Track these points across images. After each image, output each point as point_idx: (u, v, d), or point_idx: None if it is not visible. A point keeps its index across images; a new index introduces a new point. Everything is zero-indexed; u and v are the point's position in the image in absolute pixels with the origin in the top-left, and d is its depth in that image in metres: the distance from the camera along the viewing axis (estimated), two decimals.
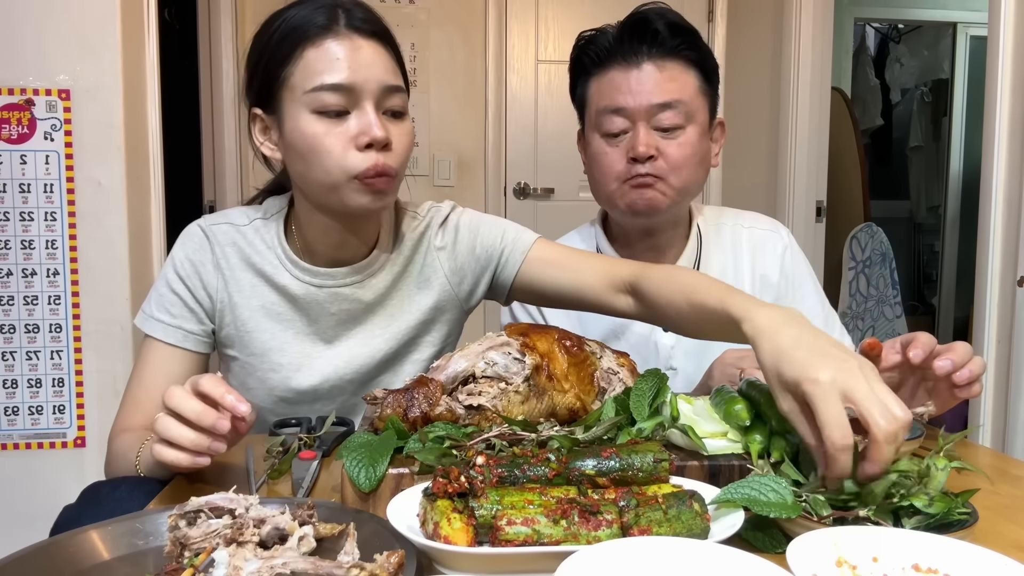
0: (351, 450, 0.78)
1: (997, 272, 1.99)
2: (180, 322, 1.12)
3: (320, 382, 1.16)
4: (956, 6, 5.02)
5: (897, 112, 5.66)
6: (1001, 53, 1.96)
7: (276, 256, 1.14)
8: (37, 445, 1.99)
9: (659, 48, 1.20)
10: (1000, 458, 1.10)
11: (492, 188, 3.33)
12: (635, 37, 1.20)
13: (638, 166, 1.20)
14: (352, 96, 1.01)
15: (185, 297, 1.13)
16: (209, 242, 1.14)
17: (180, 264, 1.13)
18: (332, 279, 1.14)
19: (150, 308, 1.13)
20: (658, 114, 1.19)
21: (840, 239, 3.95)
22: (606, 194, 1.26)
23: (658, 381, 0.89)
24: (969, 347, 0.96)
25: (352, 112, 1.02)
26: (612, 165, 1.22)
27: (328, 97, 1.00)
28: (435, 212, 1.22)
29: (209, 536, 0.63)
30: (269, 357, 1.15)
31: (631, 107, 1.19)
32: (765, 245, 1.33)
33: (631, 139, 1.20)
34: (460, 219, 1.21)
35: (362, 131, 1.01)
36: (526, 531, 0.63)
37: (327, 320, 1.16)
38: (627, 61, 1.20)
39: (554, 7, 3.31)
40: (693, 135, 1.21)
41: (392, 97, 1.04)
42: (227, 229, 1.15)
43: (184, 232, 1.16)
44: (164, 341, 1.11)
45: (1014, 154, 1.94)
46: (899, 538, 0.63)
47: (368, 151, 1.01)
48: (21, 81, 1.92)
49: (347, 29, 1.02)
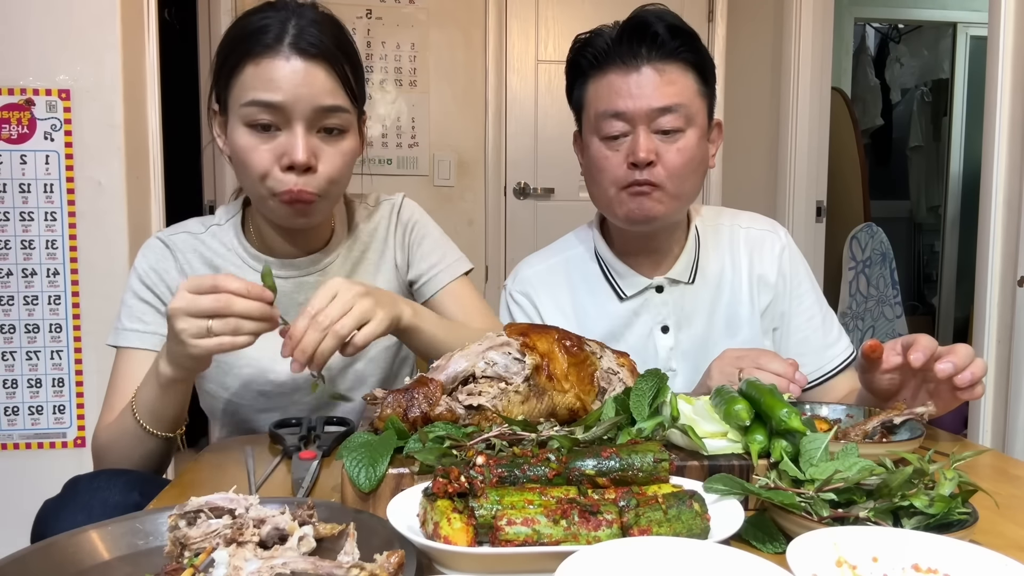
0: (351, 450, 0.78)
1: (997, 272, 1.99)
2: (155, 327, 1.13)
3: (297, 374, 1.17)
4: (956, 6, 5.02)
5: (897, 112, 5.67)
6: (1001, 53, 1.96)
7: (238, 256, 1.18)
8: (37, 445, 1.99)
9: (658, 51, 1.19)
10: (1000, 458, 1.10)
11: (492, 188, 3.33)
12: (634, 39, 1.19)
13: (637, 172, 1.19)
14: (283, 115, 1.04)
15: (155, 304, 1.15)
16: (170, 250, 1.18)
17: (144, 274, 1.16)
18: (296, 269, 1.19)
19: (121, 323, 1.15)
20: (658, 118, 1.18)
21: (840, 239, 3.95)
22: (605, 200, 1.25)
23: (658, 381, 0.89)
24: (970, 349, 0.95)
25: (283, 130, 1.04)
26: (611, 170, 1.21)
27: (257, 113, 1.03)
28: (386, 203, 1.29)
29: (209, 536, 0.63)
30: (244, 353, 1.15)
31: (631, 111, 1.18)
32: (763, 245, 1.33)
33: (631, 144, 1.19)
34: (412, 216, 1.28)
35: (285, 152, 1.04)
36: (526, 531, 0.63)
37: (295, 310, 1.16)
38: (626, 64, 1.19)
39: (554, 7, 3.32)
40: (692, 139, 1.20)
41: (329, 117, 1.06)
42: (185, 237, 1.19)
43: (144, 246, 1.20)
44: (141, 348, 1.12)
45: (1014, 154, 1.94)
46: (899, 538, 0.63)
47: (289, 172, 1.04)
48: (21, 81, 1.92)
49: (289, 48, 1.04)
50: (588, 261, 1.35)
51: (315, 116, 1.05)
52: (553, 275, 1.35)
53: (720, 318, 1.30)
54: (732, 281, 1.31)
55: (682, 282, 1.30)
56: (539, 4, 3.31)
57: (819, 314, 1.32)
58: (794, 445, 0.78)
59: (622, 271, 1.30)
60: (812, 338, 1.31)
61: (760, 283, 1.31)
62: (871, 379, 1.03)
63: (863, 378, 1.06)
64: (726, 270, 1.32)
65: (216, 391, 1.20)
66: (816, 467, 0.74)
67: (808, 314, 1.32)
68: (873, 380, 1.03)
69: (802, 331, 1.31)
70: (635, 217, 1.22)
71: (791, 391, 1.00)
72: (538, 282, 1.34)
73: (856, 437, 0.89)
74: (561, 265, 1.36)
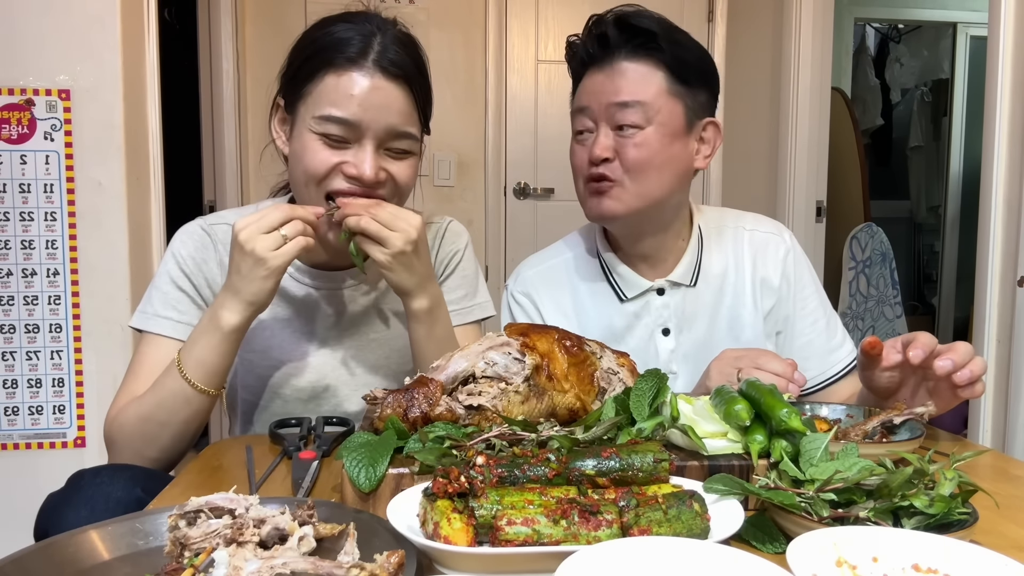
0: (351, 450, 0.78)
1: (997, 272, 1.98)
2: (189, 319, 1.11)
3: (316, 380, 1.16)
4: (956, 6, 5.02)
5: (897, 112, 5.66)
6: (1001, 53, 1.96)
7: None
8: (37, 445, 1.99)
9: (621, 49, 1.20)
10: (1000, 458, 1.10)
11: (492, 188, 3.33)
12: (596, 38, 1.22)
13: (594, 168, 1.21)
14: (356, 131, 1.04)
15: (191, 294, 1.13)
16: (211, 239, 1.15)
17: (184, 261, 1.13)
18: (331, 282, 1.15)
19: (152, 307, 1.12)
20: (616, 114, 1.19)
21: (840, 239, 3.95)
22: (579, 196, 1.27)
23: (658, 381, 0.89)
24: (970, 347, 0.95)
25: (352, 144, 1.04)
26: (579, 166, 1.24)
27: (331, 127, 1.03)
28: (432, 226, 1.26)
29: (209, 536, 0.63)
30: (269, 355, 1.16)
31: (592, 106, 1.21)
32: (767, 248, 1.32)
33: (592, 139, 1.21)
34: (455, 246, 1.26)
35: (353, 165, 1.04)
36: (526, 531, 0.63)
37: (324, 321, 1.16)
38: (599, 64, 1.21)
39: (554, 7, 3.31)
40: (653, 136, 1.18)
41: (399, 140, 1.07)
42: (226, 229, 1.15)
43: (183, 230, 1.16)
44: (172, 338, 1.10)
45: (1014, 154, 1.94)
46: (899, 538, 0.63)
47: (352, 182, 1.05)
48: (21, 81, 1.92)
49: (373, 65, 1.04)
50: (589, 262, 1.34)
51: (386, 136, 1.06)
52: (554, 275, 1.35)
53: (722, 320, 1.29)
54: (735, 283, 1.30)
55: (683, 285, 1.29)
56: (539, 4, 3.31)
57: (823, 318, 1.31)
58: (794, 445, 0.79)
59: (623, 272, 1.30)
60: (816, 342, 1.30)
61: (764, 286, 1.30)
62: (870, 376, 1.03)
63: (863, 375, 1.06)
64: (729, 272, 1.31)
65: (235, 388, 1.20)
66: (816, 467, 0.74)
67: (812, 318, 1.31)
68: (873, 377, 1.03)
69: (806, 335, 1.30)
70: (594, 214, 1.24)
71: (790, 391, 1.00)
72: (539, 282, 1.34)
73: (856, 437, 0.89)
74: (562, 266, 1.36)
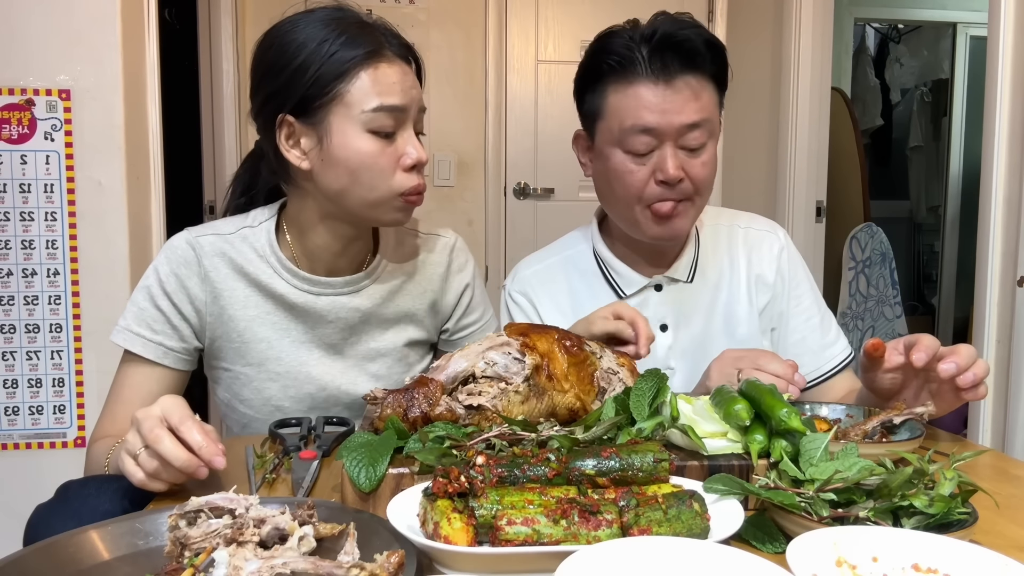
0: (351, 450, 0.78)
1: (997, 272, 1.98)
2: (161, 339, 1.11)
3: (316, 391, 1.16)
4: (956, 6, 5.01)
5: (897, 112, 5.66)
6: (1001, 53, 1.96)
7: (270, 265, 1.13)
8: (37, 445, 1.99)
9: (692, 65, 1.15)
10: (1000, 458, 1.10)
11: (492, 188, 3.33)
12: (668, 52, 1.14)
13: (666, 190, 1.16)
14: (401, 118, 1.06)
15: (169, 313, 1.11)
16: (195, 254, 1.12)
17: (165, 279, 1.11)
18: (331, 288, 1.14)
19: (127, 322, 1.11)
20: (687, 134, 1.15)
21: (840, 239, 3.94)
22: (628, 215, 1.22)
23: (658, 381, 0.89)
24: (973, 350, 0.95)
25: (396, 133, 1.06)
26: (636, 185, 1.18)
27: (385, 119, 1.05)
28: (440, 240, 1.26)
29: (209, 536, 0.63)
30: (267, 367, 1.15)
31: (662, 127, 1.14)
32: (762, 245, 1.33)
33: (659, 161, 1.16)
34: (468, 264, 1.28)
35: (408, 153, 1.06)
36: (526, 531, 0.63)
37: (324, 328, 1.15)
38: (656, 76, 1.14)
39: (554, 7, 3.31)
40: (713, 150, 1.19)
41: (421, 119, 1.11)
42: (213, 240, 1.13)
43: (167, 245, 1.14)
44: (143, 357, 1.10)
45: (1014, 154, 1.94)
46: (899, 538, 0.63)
47: (412, 172, 1.07)
48: (21, 81, 1.92)
49: (392, 54, 1.07)
50: (587, 261, 1.35)
51: (418, 117, 1.10)
52: (552, 275, 1.35)
53: (718, 317, 1.30)
54: (730, 280, 1.31)
55: (681, 281, 1.30)
56: (539, 4, 3.31)
57: (817, 315, 1.32)
58: (794, 445, 0.79)
59: (621, 270, 1.31)
60: (810, 338, 1.31)
61: (758, 283, 1.31)
62: (873, 378, 1.04)
63: (865, 377, 1.06)
64: (724, 269, 1.32)
65: (225, 403, 1.19)
66: (816, 467, 0.74)
67: (806, 315, 1.32)
68: (875, 379, 1.03)
69: (800, 331, 1.31)
70: (665, 237, 1.23)
71: (790, 392, 1.00)
72: (537, 282, 1.34)
73: (856, 437, 0.89)
74: (560, 265, 1.36)
